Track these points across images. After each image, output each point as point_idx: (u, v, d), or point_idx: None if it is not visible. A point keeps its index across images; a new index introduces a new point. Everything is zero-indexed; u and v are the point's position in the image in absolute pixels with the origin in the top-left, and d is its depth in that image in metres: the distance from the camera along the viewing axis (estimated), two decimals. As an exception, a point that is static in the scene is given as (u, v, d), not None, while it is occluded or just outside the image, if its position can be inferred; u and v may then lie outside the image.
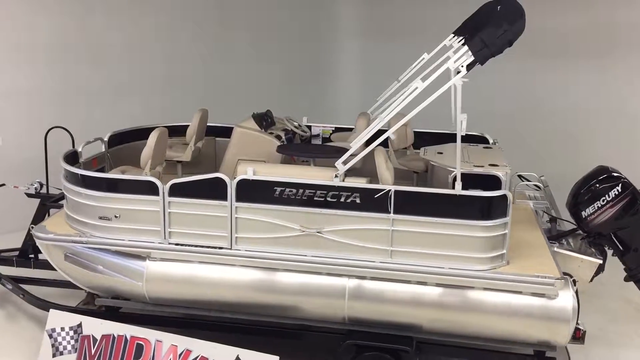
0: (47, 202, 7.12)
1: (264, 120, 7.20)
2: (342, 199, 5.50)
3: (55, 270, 7.07)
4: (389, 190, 5.39)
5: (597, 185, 6.05)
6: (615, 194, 5.99)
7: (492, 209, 5.37)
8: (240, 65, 11.18)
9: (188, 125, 7.72)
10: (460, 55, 5.17)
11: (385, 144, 7.24)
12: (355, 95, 7.80)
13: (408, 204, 5.42)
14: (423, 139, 7.49)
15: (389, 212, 5.45)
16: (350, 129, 7.72)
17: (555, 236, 6.43)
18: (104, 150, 7.23)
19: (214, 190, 5.70)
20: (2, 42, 9.26)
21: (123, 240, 5.96)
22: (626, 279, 6.43)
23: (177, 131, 7.81)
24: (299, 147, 7.15)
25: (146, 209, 5.85)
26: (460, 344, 5.87)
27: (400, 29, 6.90)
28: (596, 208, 6.05)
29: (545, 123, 8.86)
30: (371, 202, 5.46)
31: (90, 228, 6.05)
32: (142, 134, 7.81)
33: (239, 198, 5.66)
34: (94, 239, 6.00)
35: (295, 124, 7.59)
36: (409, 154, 7.45)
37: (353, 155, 5.56)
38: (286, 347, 5.86)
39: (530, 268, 5.52)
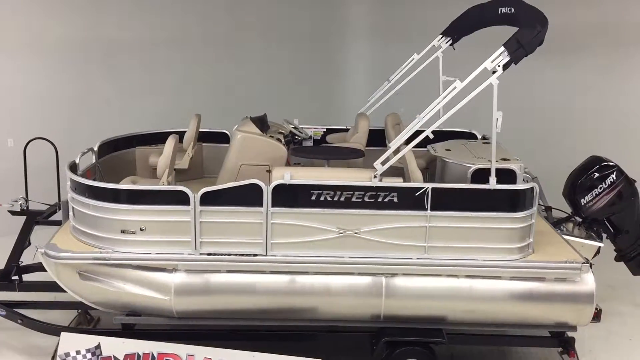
0: (40, 219, 6.69)
1: (263, 124, 7.14)
2: (380, 199, 5.59)
3: (46, 291, 6.73)
4: (427, 188, 5.55)
5: (595, 174, 6.51)
6: (610, 181, 6.47)
7: (523, 200, 5.66)
8: (248, 66, 11.09)
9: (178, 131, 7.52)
10: (496, 55, 5.40)
11: (382, 143, 7.43)
12: (364, 95, 7.90)
13: (443, 201, 5.60)
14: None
15: (426, 209, 5.60)
16: (342, 130, 7.80)
17: (553, 223, 6.84)
18: (94, 160, 6.91)
19: (248, 196, 5.62)
20: (16, 45, 9.36)
21: (150, 253, 5.73)
22: (616, 259, 6.96)
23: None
24: (313, 149, 7.15)
25: (175, 220, 5.66)
26: (484, 332, 6.14)
27: (410, 30, 7.06)
28: (594, 195, 6.51)
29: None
30: (408, 200, 5.59)
31: (110, 243, 5.77)
32: (132, 141, 7.55)
33: (274, 203, 5.61)
34: (118, 255, 5.73)
35: (292, 126, 7.58)
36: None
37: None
38: (316, 349, 5.85)
39: (554, 255, 5.87)
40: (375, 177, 5.57)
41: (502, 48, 5.38)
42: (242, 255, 5.73)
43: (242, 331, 6.07)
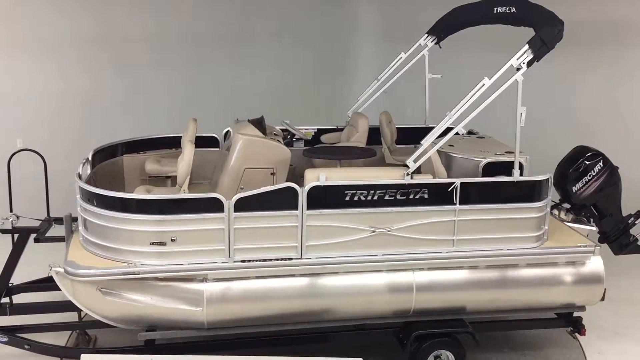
0: (40, 237, 6.27)
1: (263, 126, 7.05)
2: (411, 196, 5.70)
3: (42, 313, 6.36)
4: (456, 183, 5.72)
5: (584, 163, 6.92)
6: (598, 169, 6.92)
7: (540, 190, 5.97)
8: (256, 66, 11.07)
9: (169, 137, 7.32)
10: (521, 53, 5.64)
11: (377, 142, 7.55)
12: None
13: (470, 194, 5.79)
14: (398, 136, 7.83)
15: (455, 204, 5.78)
16: (334, 130, 7.83)
17: None
18: (89, 170, 6.56)
19: (282, 200, 5.56)
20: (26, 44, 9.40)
21: (182, 264, 5.54)
22: (600, 240, 7.45)
23: (165, 143, 7.34)
24: (326, 149, 7.12)
25: (208, 228, 5.50)
26: (499, 319, 6.41)
27: (418, 31, 7.14)
28: (584, 183, 6.93)
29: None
30: (438, 196, 5.74)
31: (138, 256, 5.52)
32: (119, 149, 7.23)
33: (309, 205, 5.58)
34: (149, 268, 5.49)
35: (291, 128, 7.52)
36: (400, 149, 7.78)
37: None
38: (338, 350, 5.93)
39: (565, 240, 6.23)
40: (407, 174, 5.66)
41: (527, 46, 5.63)
42: (277, 259, 5.65)
43: (268, 337, 5.98)
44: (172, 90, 10.63)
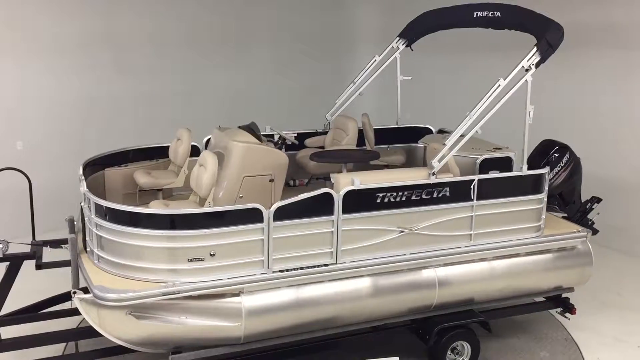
0: (41, 263, 5.77)
1: (256, 132, 6.93)
2: (435, 194, 5.90)
3: (34, 346, 5.90)
4: (475, 179, 5.99)
5: (554, 155, 7.47)
6: (566, 160, 7.49)
7: (541, 183, 6.39)
8: (255, 71, 11.26)
9: (159, 146, 7.00)
10: (531, 55, 5.99)
11: (361, 143, 7.67)
12: (363, 99, 7.95)
13: (485, 190, 6.08)
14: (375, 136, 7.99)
15: (472, 200, 6.05)
16: (314, 134, 7.83)
17: None
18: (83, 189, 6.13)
19: (318, 206, 5.54)
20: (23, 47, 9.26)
21: (221, 279, 5.35)
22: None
23: (147, 154, 7.00)
24: (332, 153, 7.07)
25: (247, 240, 5.36)
26: (496, 307, 6.78)
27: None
28: (554, 174, 7.48)
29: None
30: (458, 193, 5.99)
31: (175, 274, 5.26)
32: (111, 160, 6.83)
33: (343, 210, 5.60)
34: (188, 286, 5.25)
35: (283, 133, 7.44)
36: (389, 150, 7.94)
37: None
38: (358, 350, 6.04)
39: (558, 228, 6.71)
40: (433, 174, 5.84)
41: (535, 48, 6.00)
42: (314, 267, 5.62)
43: (293, 346, 5.93)
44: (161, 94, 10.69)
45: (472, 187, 6.00)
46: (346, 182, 5.64)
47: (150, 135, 7.88)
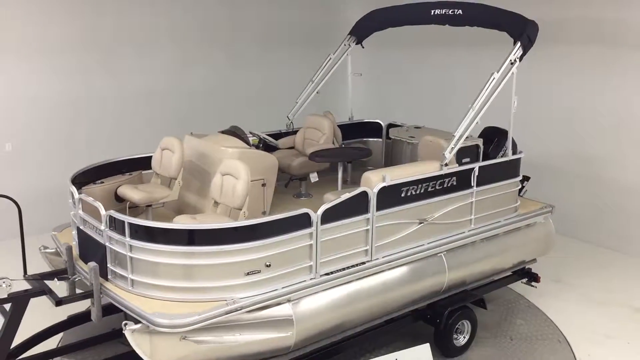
0: (59, 299, 5.14)
1: (242, 136, 6.71)
2: (445, 184, 6.19)
3: None
4: (475, 167, 6.38)
5: (500, 141, 8.13)
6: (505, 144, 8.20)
7: (517, 167, 6.96)
8: (246, 70, 11.11)
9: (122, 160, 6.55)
10: (515, 49, 6.45)
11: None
12: (361, 100, 7.80)
13: (482, 176, 6.50)
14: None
15: (472, 187, 6.44)
16: (280, 135, 7.73)
17: None
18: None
19: (356, 206, 5.57)
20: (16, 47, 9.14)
21: (276, 289, 5.18)
22: None
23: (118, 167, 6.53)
24: (329, 152, 6.96)
25: (298, 246, 5.24)
26: (476, 286, 7.26)
27: (406, 36, 7.05)
28: (501, 156, 8.16)
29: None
30: (462, 181, 6.34)
31: (230, 290, 5.00)
32: (84, 177, 6.22)
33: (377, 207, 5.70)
34: (247, 301, 5.01)
35: (263, 135, 7.22)
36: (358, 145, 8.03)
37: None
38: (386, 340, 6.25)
39: (525, 206, 7.31)
40: (446, 165, 6.12)
41: (519, 43, 6.47)
42: (354, 266, 5.65)
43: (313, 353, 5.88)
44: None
45: (472, 175, 6.37)
46: (377, 179, 5.72)
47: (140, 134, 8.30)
